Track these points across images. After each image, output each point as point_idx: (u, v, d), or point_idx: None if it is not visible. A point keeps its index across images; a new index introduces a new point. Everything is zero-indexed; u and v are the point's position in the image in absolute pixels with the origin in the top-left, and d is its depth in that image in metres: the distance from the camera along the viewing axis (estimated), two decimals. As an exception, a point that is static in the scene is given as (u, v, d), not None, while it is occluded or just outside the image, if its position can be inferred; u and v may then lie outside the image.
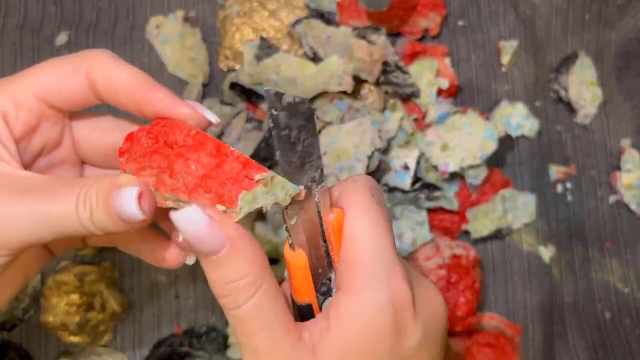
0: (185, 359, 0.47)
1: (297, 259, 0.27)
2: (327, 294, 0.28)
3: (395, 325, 0.26)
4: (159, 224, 0.31)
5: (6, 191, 0.25)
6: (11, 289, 0.30)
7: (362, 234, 0.26)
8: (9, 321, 0.47)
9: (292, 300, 0.28)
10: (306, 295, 0.28)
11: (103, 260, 0.48)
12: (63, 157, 0.30)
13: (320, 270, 0.27)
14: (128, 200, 0.24)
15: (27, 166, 0.28)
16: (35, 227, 0.25)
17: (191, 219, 0.24)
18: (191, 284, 0.49)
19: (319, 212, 0.27)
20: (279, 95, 0.25)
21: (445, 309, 0.29)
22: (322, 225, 0.27)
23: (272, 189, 0.25)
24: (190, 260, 0.30)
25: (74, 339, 0.46)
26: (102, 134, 0.30)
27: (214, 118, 0.28)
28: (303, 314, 0.28)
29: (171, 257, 0.31)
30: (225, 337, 0.48)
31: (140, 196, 0.24)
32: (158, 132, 0.27)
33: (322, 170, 0.27)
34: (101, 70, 0.27)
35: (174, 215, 0.24)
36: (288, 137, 0.25)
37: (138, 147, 0.27)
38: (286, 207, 0.26)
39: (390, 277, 0.26)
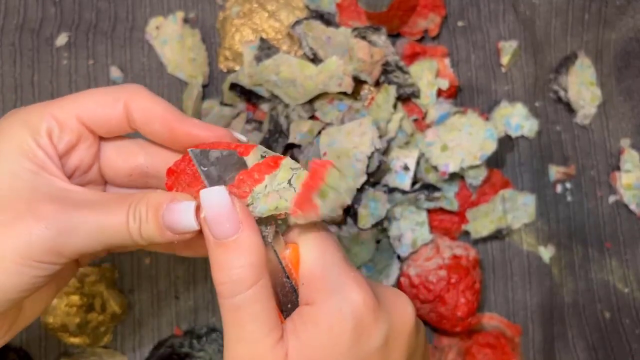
0: (185, 359, 0.47)
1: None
2: None
3: (356, 328, 0.28)
4: None
5: (64, 204, 0.27)
6: (45, 302, 0.32)
7: (312, 257, 0.29)
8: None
9: None
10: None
11: (103, 261, 0.48)
12: (90, 178, 0.32)
13: (289, 305, 0.29)
14: (187, 214, 0.27)
15: None
16: (89, 238, 0.27)
17: (217, 197, 0.26)
18: (191, 285, 0.49)
19: (275, 252, 0.29)
20: (205, 153, 0.28)
21: (411, 312, 0.30)
22: (281, 263, 0.29)
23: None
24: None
25: (74, 340, 0.46)
26: (126, 156, 0.32)
27: (244, 139, 0.31)
28: None
29: (196, 246, 0.32)
30: (226, 338, 0.48)
31: (197, 209, 0.27)
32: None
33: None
34: (139, 101, 0.30)
35: (202, 192, 0.26)
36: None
37: (184, 176, 0.29)
38: None
39: (346, 285, 0.28)
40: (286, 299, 0.29)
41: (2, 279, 0.26)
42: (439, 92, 0.50)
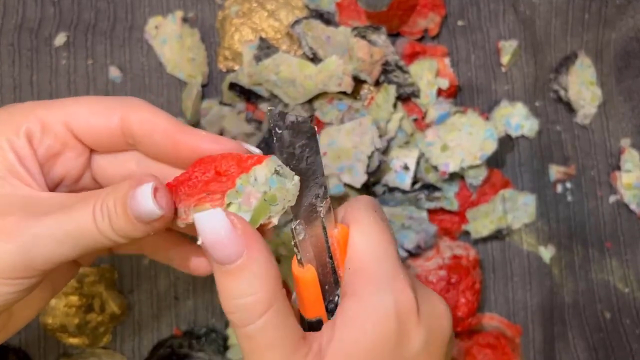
0: (185, 360, 0.47)
1: (306, 274, 0.27)
2: (334, 310, 0.28)
3: (399, 330, 0.26)
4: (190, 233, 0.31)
5: (24, 214, 0.25)
6: (39, 305, 0.31)
7: (366, 244, 0.27)
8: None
9: (301, 316, 0.29)
10: (316, 310, 0.28)
11: (102, 261, 0.48)
12: (84, 185, 0.30)
13: (327, 287, 0.28)
14: (144, 197, 0.24)
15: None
16: (57, 245, 0.25)
17: (212, 221, 0.24)
18: (191, 286, 0.49)
19: (324, 228, 0.27)
20: (282, 115, 0.25)
21: (449, 317, 0.29)
22: (327, 241, 0.28)
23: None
24: None
25: (73, 340, 0.46)
26: (119, 165, 0.30)
27: (257, 151, 0.28)
28: (314, 329, 0.28)
29: (202, 263, 0.31)
30: (225, 339, 0.47)
31: (155, 191, 0.24)
32: (206, 165, 0.27)
33: (326, 188, 0.27)
34: (138, 113, 0.27)
35: (196, 215, 0.24)
36: (292, 155, 0.26)
37: (186, 187, 0.26)
38: (294, 224, 0.26)
39: (394, 284, 0.27)
40: (325, 279, 0.28)
41: None
42: (439, 92, 0.50)
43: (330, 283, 0.28)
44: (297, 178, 0.26)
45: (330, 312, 0.28)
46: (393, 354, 0.26)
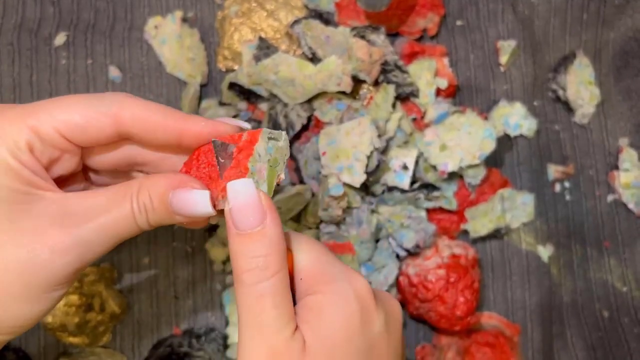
0: (184, 359, 0.47)
1: None
2: None
3: (362, 312, 0.29)
4: None
5: (70, 223, 0.27)
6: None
7: (310, 257, 0.30)
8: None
9: None
10: None
11: (102, 260, 0.48)
12: (75, 180, 0.32)
13: None
14: (202, 202, 0.27)
15: None
16: (102, 243, 0.27)
17: (244, 189, 0.27)
18: (190, 285, 0.49)
19: None
20: (224, 146, 0.28)
21: (399, 309, 0.32)
22: None
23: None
24: (213, 221, 0.33)
25: (73, 339, 0.46)
26: (110, 148, 0.31)
27: (247, 126, 0.31)
28: None
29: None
30: (225, 338, 0.48)
31: (211, 199, 0.28)
32: (207, 155, 0.29)
33: None
34: (130, 109, 0.28)
35: (230, 184, 0.27)
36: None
37: (207, 179, 0.29)
38: None
39: (348, 274, 0.29)
40: None
41: (31, 309, 0.27)
42: (438, 92, 0.50)
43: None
44: (284, 133, 0.29)
45: None
46: (360, 335, 0.28)
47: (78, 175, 0.32)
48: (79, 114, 0.27)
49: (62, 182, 0.31)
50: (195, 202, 0.27)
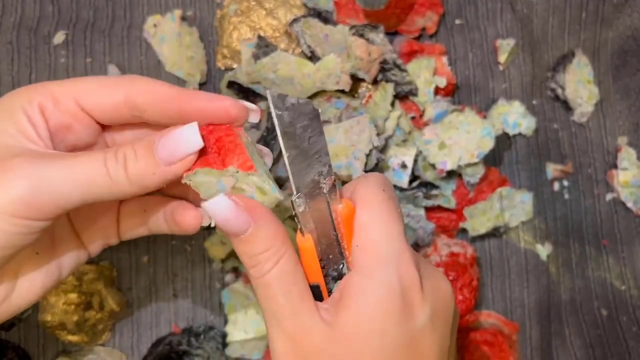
0: (183, 357, 0.47)
1: (305, 243, 0.29)
2: (338, 278, 0.30)
3: (403, 304, 0.28)
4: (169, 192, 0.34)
5: (36, 158, 0.26)
6: (44, 280, 0.31)
7: (374, 222, 0.29)
8: (7, 320, 0.47)
9: None
10: (314, 276, 0.30)
11: (101, 259, 0.48)
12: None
13: (331, 256, 0.30)
14: (193, 132, 0.27)
15: None
16: (65, 188, 0.26)
17: (220, 205, 0.28)
18: (189, 283, 0.49)
19: (327, 203, 0.29)
20: (282, 97, 0.27)
21: (452, 296, 0.31)
22: (331, 215, 0.29)
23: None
24: (206, 222, 0.32)
25: (72, 338, 0.46)
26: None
27: (252, 106, 0.31)
28: (313, 293, 0.30)
29: (190, 219, 0.32)
30: (224, 336, 0.48)
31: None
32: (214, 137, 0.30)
33: (330, 166, 0.29)
34: (140, 84, 0.29)
35: (205, 204, 0.28)
36: (293, 135, 0.28)
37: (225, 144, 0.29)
38: (294, 196, 0.28)
39: (399, 261, 0.28)
40: (329, 249, 0.30)
41: None
42: (437, 90, 0.50)
43: (335, 253, 0.30)
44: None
45: (334, 279, 0.30)
46: (398, 328, 0.28)
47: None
48: (95, 84, 0.29)
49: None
50: (185, 135, 0.27)
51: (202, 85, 0.51)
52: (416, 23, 0.51)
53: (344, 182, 0.45)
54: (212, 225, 0.29)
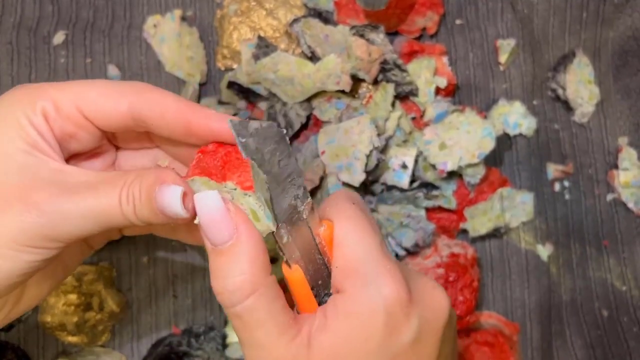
0: (183, 358, 0.47)
1: (294, 274, 0.28)
2: None
3: (387, 324, 0.27)
4: None
5: (55, 189, 0.26)
6: (51, 283, 0.32)
7: (349, 240, 0.28)
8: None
9: (298, 312, 0.29)
10: (309, 307, 0.29)
11: (101, 260, 0.48)
12: (102, 169, 0.32)
13: (320, 282, 0.29)
14: (173, 199, 0.26)
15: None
16: (81, 222, 0.26)
17: (209, 202, 0.26)
18: (189, 284, 0.49)
19: (309, 228, 0.28)
20: (244, 124, 0.26)
21: (446, 303, 0.30)
22: (314, 239, 0.28)
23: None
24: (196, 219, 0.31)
25: (72, 339, 0.46)
26: (139, 152, 0.32)
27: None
28: None
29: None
30: (224, 337, 0.48)
31: (184, 196, 0.26)
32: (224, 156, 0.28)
33: (304, 188, 0.28)
34: (147, 95, 0.28)
35: (196, 197, 0.26)
36: (262, 161, 0.26)
37: (209, 159, 0.28)
38: (276, 229, 0.27)
39: (380, 278, 0.27)
40: (317, 275, 0.28)
41: None
42: (437, 91, 0.50)
43: (324, 278, 0.29)
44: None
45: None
46: (380, 347, 0.27)
47: (104, 159, 0.32)
48: (97, 91, 0.28)
49: (86, 159, 0.31)
50: (169, 196, 0.26)
51: (202, 86, 0.51)
52: (417, 23, 0.51)
53: (344, 184, 0.45)
54: (196, 221, 0.27)
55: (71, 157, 0.30)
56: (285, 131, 0.28)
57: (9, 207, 0.26)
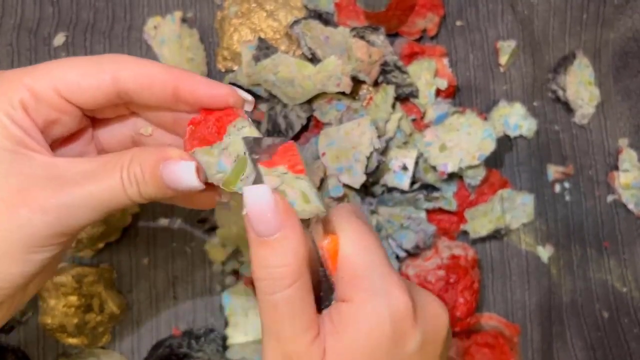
0: (184, 360, 0.47)
1: None
2: None
3: (394, 333, 0.27)
4: None
5: (55, 185, 0.26)
6: (48, 274, 0.32)
7: (355, 251, 0.28)
8: (7, 323, 0.46)
9: None
10: None
11: (101, 261, 0.48)
12: (82, 150, 0.31)
13: (321, 294, 0.29)
14: (187, 174, 0.27)
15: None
16: (88, 211, 0.27)
17: (261, 197, 0.26)
18: (190, 285, 0.49)
19: (313, 241, 0.28)
20: (257, 141, 0.27)
21: (446, 318, 0.30)
22: (317, 252, 0.28)
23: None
24: (225, 198, 0.31)
25: (72, 340, 0.46)
26: (117, 124, 0.31)
27: (248, 97, 0.30)
28: None
29: (207, 196, 0.32)
30: (224, 339, 0.48)
31: (197, 170, 0.27)
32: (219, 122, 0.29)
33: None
34: (130, 68, 0.27)
35: (246, 189, 0.26)
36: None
37: (203, 128, 0.29)
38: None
39: (387, 288, 0.27)
40: (318, 288, 0.29)
41: (11, 269, 0.26)
42: (438, 92, 0.50)
43: (325, 290, 0.29)
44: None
45: None
46: (389, 355, 0.27)
47: (83, 138, 0.31)
48: (77, 71, 0.27)
49: (64, 142, 0.31)
50: (182, 173, 0.27)
51: (202, 87, 0.51)
52: (417, 25, 0.51)
53: (344, 186, 0.45)
54: (244, 212, 0.26)
55: (52, 143, 0.30)
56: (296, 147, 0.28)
57: (13, 212, 0.25)
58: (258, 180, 0.27)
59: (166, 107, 0.29)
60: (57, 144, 0.30)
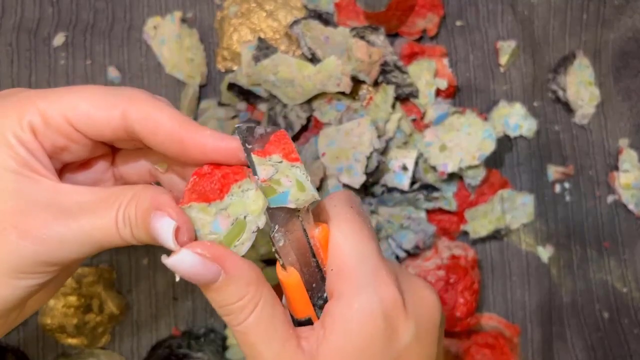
0: (183, 360, 0.47)
1: (290, 278, 0.28)
2: (324, 304, 0.29)
3: (386, 327, 0.27)
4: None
5: (51, 213, 0.25)
6: (53, 288, 0.32)
7: (345, 242, 0.28)
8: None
9: (292, 317, 0.29)
10: (304, 310, 0.29)
11: (101, 262, 0.48)
12: (97, 177, 0.31)
13: (314, 284, 0.29)
14: (165, 232, 0.25)
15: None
16: (78, 245, 0.26)
17: (184, 262, 0.25)
18: (189, 286, 0.49)
19: (304, 230, 0.28)
20: (250, 130, 0.26)
21: (437, 303, 0.30)
22: (309, 242, 0.28)
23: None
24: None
25: (72, 341, 0.46)
26: (135, 162, 0.31)
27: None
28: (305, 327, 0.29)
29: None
30: (224, 339, 0.47)
31: (177, 230, 0.25)
32: (222, 179, 0.28)
33: None
34: (140, 109, 0.27)
35: (167, 261, 0.25)
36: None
37: (205, 182, 0.28)
38: (272, 231, 0.27)
39: (377, 282, 0.27)
40: (311, 278, 0.28)
41: None
42: (438, 92, 0.50)
43: (317, 281, 0.29)
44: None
45: (320, 307, 0.29)
46: (383, 351, 0.27)
47: (99, 165, 0.31)
48: (89, 102, 0.27)
49: (80, 168, 0.30)
50: (160, 230, 0.25)
51: (202, 87, 0.51)
52: (417, 25, 0.51)
53: (344, 186, 0.45)
54: (177, 279, 0.26)
55: (65, 167, 0.29)
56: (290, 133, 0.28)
57: (4, 235, 0.25)
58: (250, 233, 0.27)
59: (173, 156, 0.28)
60: (72, 168, 0.30)
